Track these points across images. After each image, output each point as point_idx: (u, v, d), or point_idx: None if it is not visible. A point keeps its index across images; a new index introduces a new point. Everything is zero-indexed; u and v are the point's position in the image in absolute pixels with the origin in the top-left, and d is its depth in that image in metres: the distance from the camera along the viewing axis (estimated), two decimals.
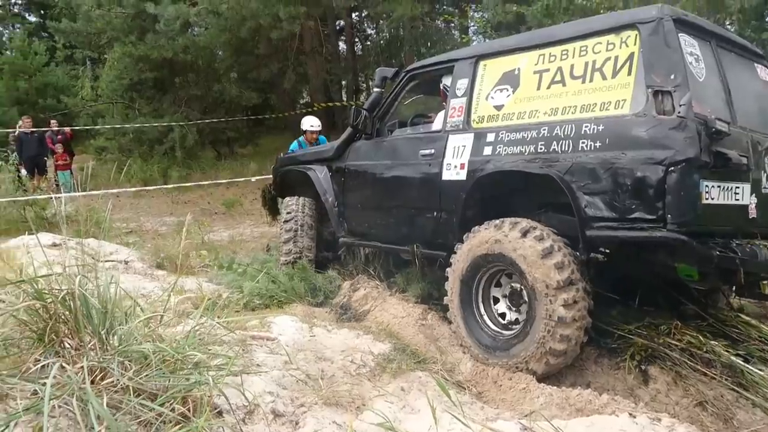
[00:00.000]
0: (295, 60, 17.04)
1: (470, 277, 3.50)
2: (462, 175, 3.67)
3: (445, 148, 3.83)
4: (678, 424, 2.63)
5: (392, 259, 4.90)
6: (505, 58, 3.70)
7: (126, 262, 5.90)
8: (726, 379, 3.13)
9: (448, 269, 3.64)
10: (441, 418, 2.55)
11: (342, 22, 20.60)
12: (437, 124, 4.17)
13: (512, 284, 3.43)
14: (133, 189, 11.05)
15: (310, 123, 7.89)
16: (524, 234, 3.20)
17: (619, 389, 3.13)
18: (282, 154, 6.08)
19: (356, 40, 21.99)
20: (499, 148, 3.48)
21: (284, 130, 18.44)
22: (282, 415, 2.52)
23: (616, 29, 3.18)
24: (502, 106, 3.59)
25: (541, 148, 3.26)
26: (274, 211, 6.57)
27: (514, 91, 3.55)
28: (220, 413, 2.30)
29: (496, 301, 3.54)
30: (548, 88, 3.38)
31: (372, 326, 3.88)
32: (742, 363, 3.13)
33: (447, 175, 3.78)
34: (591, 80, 3.20)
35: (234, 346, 2.96)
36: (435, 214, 3.92)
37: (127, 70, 15.18)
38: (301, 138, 7.94)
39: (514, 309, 3.44)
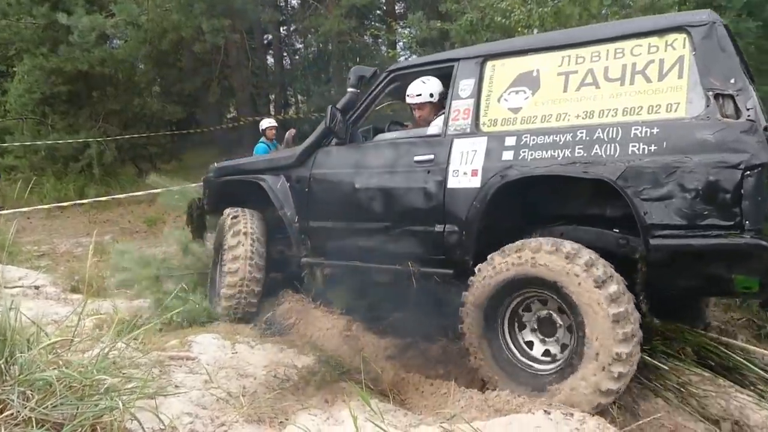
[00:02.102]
0: (221, 74, 16.76)
1: (497, 303, 3.18)
2: (474, 183, 3.36)
3: (449, 153, 3.50)
4: (589, 418, 2.76)
5: (365, 280, 4.22)
6: (518, 59, 3.51)
7: (36, 287, 5.59)
8: None
9: (464, 293, 3.28)
10: (364, 428, 2.57)
11: (270, 36, 20.47)
12: (433, 128, 3.80)
13: (542, 311, 3.18)
14: (46, 207, 10.45)
15: (268, 122, 9.07)
16: (571, 258, 2.95)
17: None
18: (215, 164, 5.31)
19: (284, 54, 21.89)
20: (523, 152, 3.25)
21: (210, 145, 18.03)
22: None
23: (659, 32, 3.11)
24: (520, 108, 3.39)
25: (579, 152, 3.09)
26: (200, 228, 5.68)
27: (533, 93, 3.37)
28: None
29: (522, 327, 3.26)
30: (578, 90, 3.25)
31: (296, 340, 3.86)
32: (646, 357, 3.32)
33: (454, 183, 3.44)
34: (632, 83, 3.11)
35: (151, 368, 2.87)
36: (437, 227, 3.51)
37: (38, 83, 14.34)
38: (262, 139, 8.80)
39: (550, 339, 3.17)
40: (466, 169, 3.42)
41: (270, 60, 21.50)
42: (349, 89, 4.22)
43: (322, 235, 4.14)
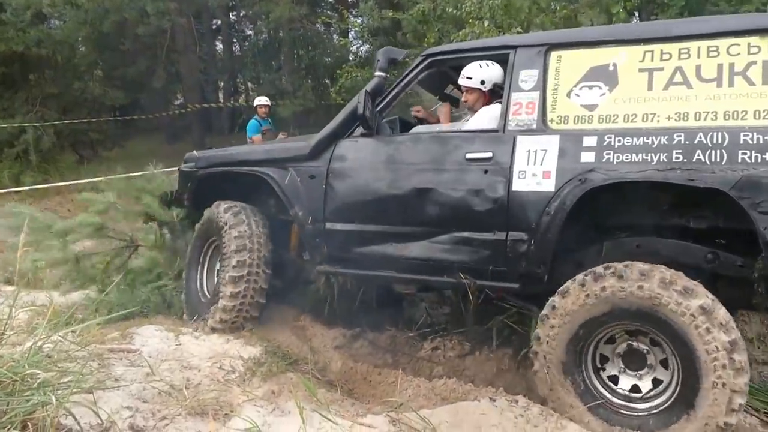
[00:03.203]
0: (167, 58, 16.27)
1: (587, 334, 2.87)
2: (547, 186, 3.04)
3: (513, 151, 3.15)
4: (532, 405, 2.84)
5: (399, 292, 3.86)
6: (589, 51, 3.22)
7: None
8: None
9: (545, 310, 2.93)
10: (311, 418, 2.56)
11: (218, 21, 19.99)
12: (483, 119, 3.45)
13: (628, 343, 2.90)
14: None
15: (260, 99, 9.23)
16: (688, 293, 2.67)
17: (482, 378, 3.32)
18: (195, 152, 4.59)
19: (234, 40, 21.42)
20: (607, 154, 2.96)
21: (155, 132, 17.54)
22: (141, 430, 2.39)
23: (761, 31, 2.89)
24: (596, 105, 3.12)
25: (677, 157, 2.84)
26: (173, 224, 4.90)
27: (610, 90, 3.11)
28: None
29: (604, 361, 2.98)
30: (665, 89, 3.00)
31: (243, 331, 3.79)
32: None
33: (520, 186, 3.10)
34: (731, 84, 2.90)
35: (89, 361, 2.77)
36: (497, 234, 3.15)
37: None
38: (255, 117, 9.02)
39: (637, 373, 2.90)
40: (535, 171, 3.09)
41: (219, 46, 21.03)
42: (377, 73, 3.70)
43: (344, 240, 3.60)
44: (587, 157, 2.99)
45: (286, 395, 2.84)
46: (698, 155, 2.81)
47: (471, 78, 3.56)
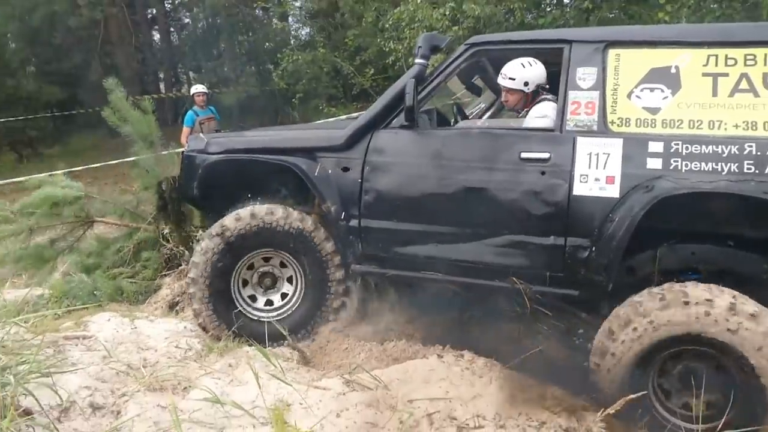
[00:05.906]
0: (102, 51, 15.78)
1: (650, 359, 2.76)
2: (611, 192, 2.97)
3: (573, 153, 3.06)
4: (477, 358, 3.05)
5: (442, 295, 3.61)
6: (651, 51, 3.12)
7: None
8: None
9: (604, 330, 2.85)
10: (268, 385, 2.68)
11: (153, 10, 19.44)
12: (536, 119, 3.34)
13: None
14: None
15: (195, 88, 8.95)
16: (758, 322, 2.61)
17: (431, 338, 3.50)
18: (202, 135, 4.04)
19: (172, 29, 20.89)
20: (675, 161, 2.91)
21: (98, 127, 16.96)
22: (102, 407, 2.48)
23: None
24: (658, 109, 3.03)
25: (748, 168, 2.80)
26: (180, 220, 4.57)
27: (673, 93, 3.03)
28: (29, 414, 2.21)
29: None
30: (731, 96, 2.94)
31: None
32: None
33: (582, 190, 3.02)
34: None
35: (44, 348, 2.81)
36: (554, 239, 3.07)
37: None
38: (194, 107, 8.55)
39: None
40: (598, 175, 3.01)
41: (157, 36, 20.48)
42: (418, 61, 3.46)
43: (381, 239, 3.43)
44: (654, 164, 2.94)
45: (243, 367, 2.95)
46: None
47: (513, 79, 3.45)
